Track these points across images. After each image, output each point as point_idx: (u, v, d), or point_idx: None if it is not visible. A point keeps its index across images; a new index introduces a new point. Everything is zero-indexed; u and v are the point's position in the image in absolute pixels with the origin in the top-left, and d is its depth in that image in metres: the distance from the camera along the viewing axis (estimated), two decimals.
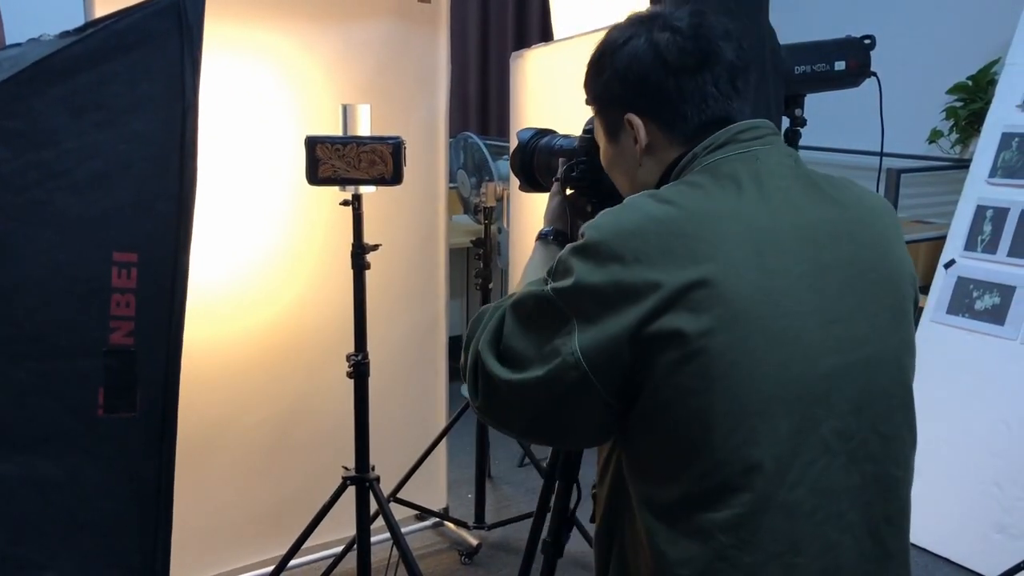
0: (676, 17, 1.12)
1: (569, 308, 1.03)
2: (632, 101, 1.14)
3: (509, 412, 1.10)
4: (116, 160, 1.34)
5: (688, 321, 0.97)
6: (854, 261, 1.07)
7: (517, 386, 1.06)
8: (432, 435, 2.89)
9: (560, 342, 1.03)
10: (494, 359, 1.09)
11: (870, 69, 2.47)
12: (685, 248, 0.99)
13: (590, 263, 1.02)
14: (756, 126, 1.11)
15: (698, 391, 0.98)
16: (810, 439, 1.01)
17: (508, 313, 1.10)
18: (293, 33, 2.40)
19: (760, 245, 1.01)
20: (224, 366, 2.40)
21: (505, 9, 5.00)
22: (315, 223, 2.48)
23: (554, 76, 2.52)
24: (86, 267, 1.35)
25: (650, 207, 1.04)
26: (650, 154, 1.15)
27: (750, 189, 1.05)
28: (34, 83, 1.29)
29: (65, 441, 1.37)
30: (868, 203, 1.14)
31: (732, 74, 1.11)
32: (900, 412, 1.10)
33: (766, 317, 0.99)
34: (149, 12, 1.34)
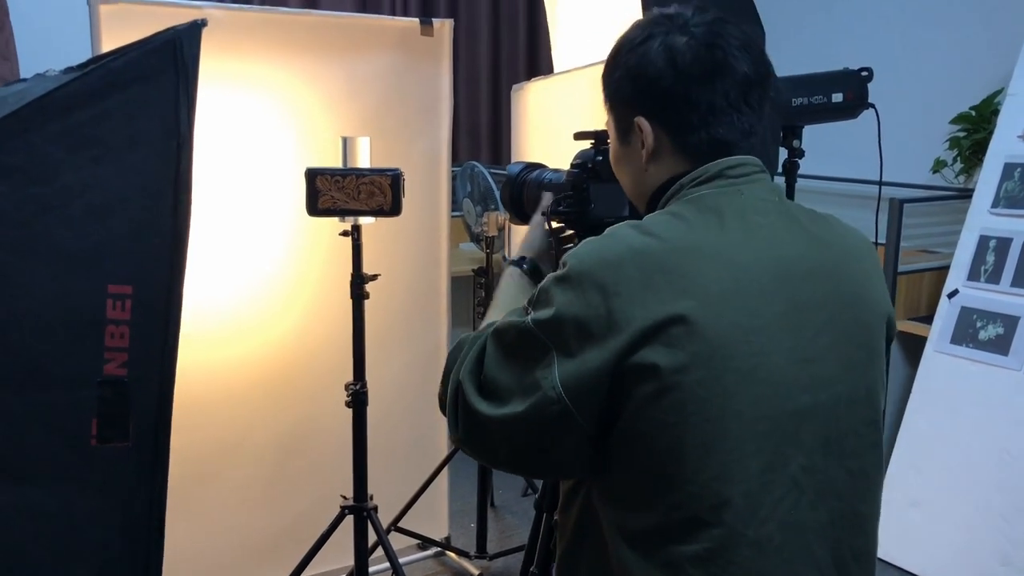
0: (695, 22, 1.10)
1: (549, 339, 1.03)
2: (641, 104, 1.12)
3: (491, 445, 1.09)
4: (112, 194, 1.37)
5: (664, 356, 0.98)
6: (830, 300, 1.07)
7: (498, 421, 1.05)
8: (434, 464, 2.90)
9: (541, 375, 1.03)
10: (475, 391, 1.08)
11: (868, 101, 2.49)
12: (666, 283, 1.00)
13: (570, 293, 1.02)
14: (744, 163, 1.11)
15: (671, 425, 0.99)
16: (780, 476, 1.01)
17: (489, 343, 1.09)
18: (297, 67, 2.45)
19: (739, 283, 1.02)
20: (224, 394, 2.42)
21: (516, 40, 5.06)
22: (315, 253, 2.51)
23: (553, 109, 2.55)
24: (81, 299, 1.37)
25: (633, 239, 1.04)
26: (656, 160, 1.14)
27: (733, 225, 1.06)
28: (33, 119, 1.33)
29: (58, 471, 1.38)
30: (848, 242, 1.15)
31: (745, 87, 1.09)
32: (869, 450, 1.10)
33: (741, 355, 1.00)
34: (146, 50, 1.38)
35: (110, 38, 2.07)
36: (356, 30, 2.58)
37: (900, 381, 3.51)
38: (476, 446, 1.11)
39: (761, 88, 1.11)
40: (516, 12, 5.02)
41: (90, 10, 2.10)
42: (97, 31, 2.10)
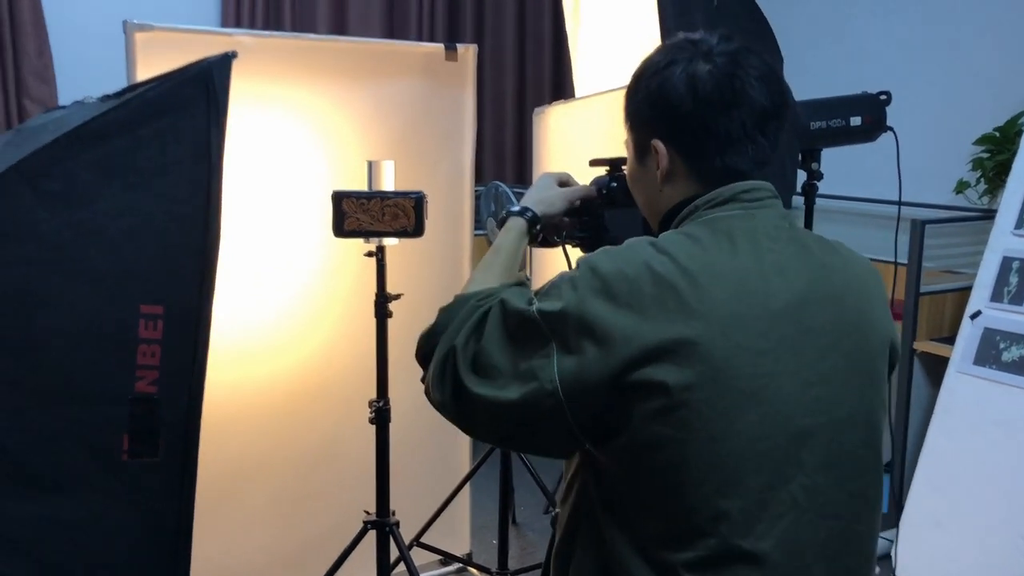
0: (719, 50, 1.13)
1: (551, 331, 1.06)
2: (659, 127, 1.16)
3: (474, 420, 1.13)
4: (145, 218, 1.43)
5: (672, 374, 1.01)
6: (835, 325, 1.11)
7: (489, 402, 1.08)
8: (456, 480, 2.93)
9: (537, 364, 1.06)
10: (468, 364, 1.10)
11: (886, 124, 2.52)
12: (677, 303, 1.03)
13: (581, 294, 1.06)
14: (757, 188, 1.14)
15: (675, 441, 1.03)
16: (779, 494, 1.05)
17: (491, 320, 1.11)
18: (325, 91, 2.51)
19: (749, 306, 1.06)
20: (251, 411, 2.47)
21: (542, 62, 5.11)
22: (341, 273, 2.56)
23: (574, 132, 2.60)
24: (115, 319, 1.43)
25: (649, 255, 1.07)
26: (670, 182, 1.17)
27: (744, 249, 1.09)
28: (72, 147, 1.39)
29: (90, 484, 1.44)
30: (854, 268, 1.18)
31: (762, 119, 1.12)
32: (868, 472, 1.13)
33: (747, 377, 1.03)
34: (179, 81, 1.44)
35: (145, 63, 2.14)
36: (382, 55, 2.64)
37: (922, 402, 3.50)
38: (457, 415, 1.14)
39: (777, 119, 1.15)
40: (542, 35, 5.08)
41: (126, 37, 2.17)
42: (132, 57, 2.18)
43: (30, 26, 3.84)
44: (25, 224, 1.38)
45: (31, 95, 3.87)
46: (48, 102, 3.89)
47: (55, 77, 3.95)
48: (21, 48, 3.84)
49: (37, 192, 1.37)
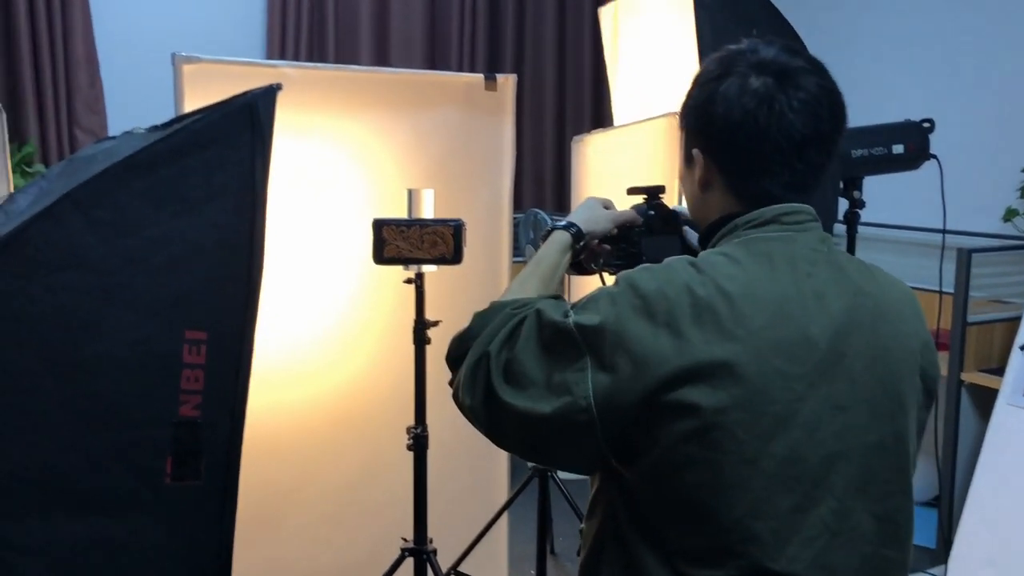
0: (771, 68, 1.11)
1: (587, 345, 1.06)
2: (700, 138, 1.17)
3: (502, 429, 1.13)
4: (191, 246, 1.47)
5: (706, 396, 1.02)
6: (869, 351, 1.11)
7: (520, 413, 1.09)
8: (494, 508, 2.93)
9: (571, 378, 1.06)
10: (500, 371, 1.10)
11: (929, 152, 2.49)
12: (715, 325, 1.04)
13: (620, 310, 1.06)
14: (798, 211, 1.14)
15: (708, 462, 1.03)
16: (810, 517, 1.06)
17: (526, 328, 1.12)
18: (366, 121, 2.55)
19: (785, 330, 1.06)
20: (290, 435, 2.49)
21: (582, 90, 5.15)
22: (380, 299, 2.58)
23: (612, 160, 2.61)
24: (160, 344, 1.46)
25: (689, 276, 1.07)
26: (707, 191, 1.18)
27: (783, 272, 1.10)
28: (122, 177, 1.43)
29: (133, 506, 1.46)
30: (892, 293, 1.18)
31: (800, 144, 1.10)
32: (897, 497, 1.13)
33: (781, 401, 1.04)
34: (225, 112, 1.48)
35: (192, 94, 2.19)
36: (423, 86, 2.68)
37: (971, 435, 3.43)
38: (487, 422, 1.14)
39: (819, 145, 1.12)
40: (582, 64, 5.13)
41: (174, 69, 2.23)
42: (180, 88, 2.23)
43: (83, 59, 3.96)
44: (76, 251, 1.42)
45: (82, 125, 3.98)
46: (98, 131, 4.00)
47: (105, 108, 4.06)
48: (74, 80, 3.96)
49: (88, 220, 1.41)
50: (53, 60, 3.90)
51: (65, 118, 3.97)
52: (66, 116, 3.97)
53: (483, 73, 2.76)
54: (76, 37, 3.93)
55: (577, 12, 5.08)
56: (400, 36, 4.64)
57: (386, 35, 4.63)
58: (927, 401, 1.20)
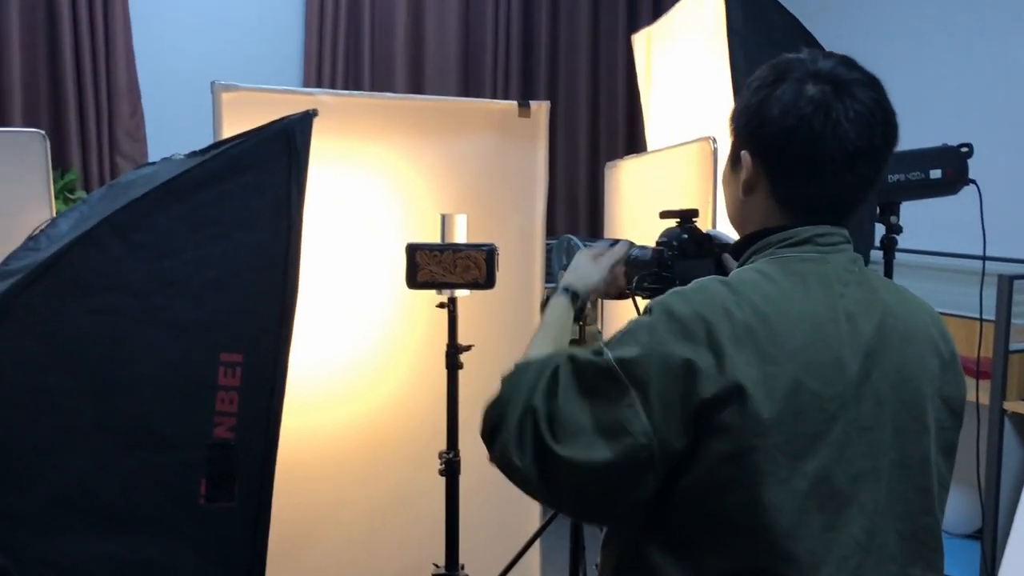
0: (828, 77, 1.11)
1: (629, 379, 1.04)
2: (749, 141, 1.16)
3: (560, 488, 1.08)
4: (227, 269, 1.49)
5: (745, 417, 1.02)
6: (894, 372, 1.12)
7: (577, 465, 1.04)
8: (526, 535, 2.90)
9: (624, 417, 1.03)
10: (548, 426, 1.06)
11: (968, 176, 2.46)
12: (753, 346, 1.04)
13: (658, 338, 1.05)
14: (832, 233, 1.14)
15: (745, 483, 1.03)
16: (842, 535, 1.06)
17: (563, 377, 1.09)
18: (401, 147, 2.57)
19: (819, 352, 1.07)
20: (323, 458, 2.50)
21: (615, 116, 5.16)
22: (413, 324, 2.59)
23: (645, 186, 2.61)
24: (196, 366, 1.48)
25: (724, 297, 1.07)
26: (751, 194, 1.17)
27: (816, 294, 1.10)
28: (161, 201, 1.46)
29: (167, 526, 1.48)
30: (918, 314, 1.19)
31: (852, 155, 1.10)
32: (923, 517, 1.14)
33: (813, 421, 1.05)
34: (262, 138, 1.51)
35: (230, 121, 2.23)
36: (458, 113, 2.70)
37: (1015, 464, 3.35)
38: (539, 483, 1.08)
39: (871, 158, 1.12)
40: (615, 90, 5.14)
41: (213, 97, 2.27)
42: (219, 115, 2.27)
43: (125, 88, 4.05)
44: (115, 274, 1.45)
45: (123, 153, 4.06)
46: (139, 159, 4.07)
47: (146, 136, 4.14)
48: (116, 109, 4.04)
49: (127, 243, 1.44)
50: (96, 89, 3.98)
51: (107, 146, 4.05)
52: (108, 144, 4.05)
53: (517, 100, 2.78)
54: (119, 67, 4.02)
55: (610, 39, 5.10)
56: (435, 65, 4.69)
57: (421, 64, 4.68)
58: (953, 422, 1.20)
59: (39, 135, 2.19)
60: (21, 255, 1.56)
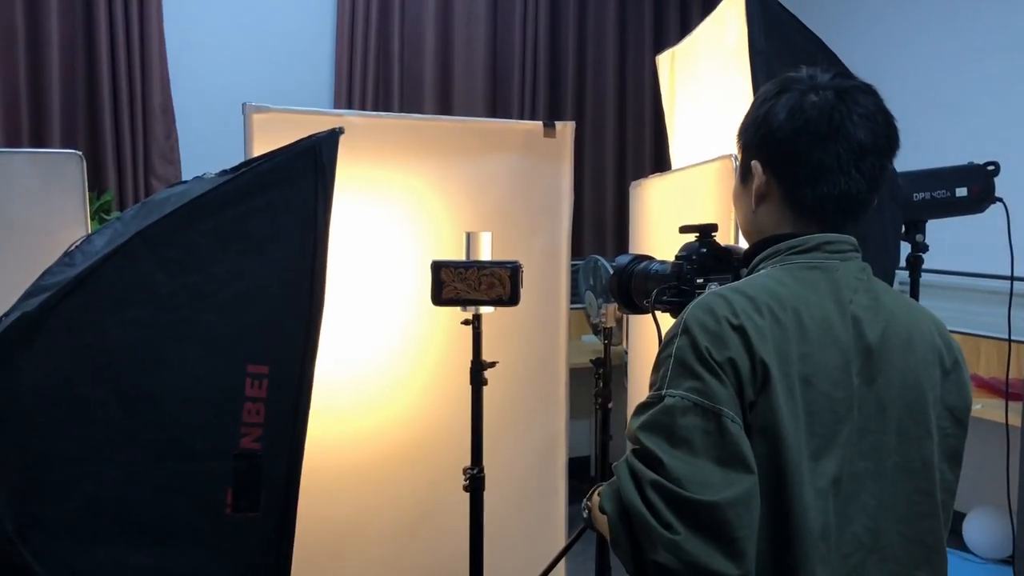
0: (830, 84, 1.16)
1: (712, 401, 1.02)
2: (759, 150, 1.20)
3: (734, 536, 0.99)
4: (255, 283, 1.52)
5: (775, 418, 1.05)
6: (898, 378, 1.15)
7: (739, 498, 0.99)
8: (552, 552, 2.90)
9: (733, 440, 1.01)
10: (680, 502, 0.98)
11: (995, 195, 2.45)
12: (776, 351, 1.06)
13: (699, 351, 1.05)
14: (840, 240, 1.18)
15: (785, 485, 1.05)
16: (845, 534, 1.10)
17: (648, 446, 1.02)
18: (428, 167, 2.60)
19: (831, 356, 1.10)
20: (350, 473, 2.53)
21: (642, 137, 5.18)
22: (439, 340, 2.62)
23: (670, 205, 2.62)
24: (224, 378, 1.52)
25: (745, 303, 1.08)
26: (763, 203, 1.21)
27: (826, 298, 1.13)
28: (191, 216, 1.50)
29: (195, 536, 1.50)
30: (922, 324, 1.21)
31: (859, 154, 1.14)
32: (924, 519, 1.16)
33: (826, 424, 1.09)
34: (289, 155, 1.54)
35: (261, 142, 2.28)
36: (484, 133, 2.74)
37: None
38: (713, 542, 0.98)
39: (876, 157, 1.16)
40: (641, 110, 5.16)
41: (244, 118, 2.32)
42: (250, 136, 2.32)
43: (159, 111, 4.14)
44: (145, 288, 1.49)
45: (158, 174, 4.14)
46: (173, 180, 4.15)
47: (180, 158, 4.22)
48: (151, 131, 4.13)
49: (157, 257, 1.48)
50: (132, 112, 4.08)
51: (142, 168, 4.14)
52: (143, 166, 4.14)
53: (543, 120, 2.81)
54: (154, 91, 4.11)
55: (637, 60, 5.13)
56: (463, 88, 4.75)
57: (449, 87, 4.74)
58: (956, 430, 1.22)
59: (76, 156, 2.25)
60: (56, 271, 1.60)
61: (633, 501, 1.00)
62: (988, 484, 3.91)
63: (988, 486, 3.91)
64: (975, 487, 3.96)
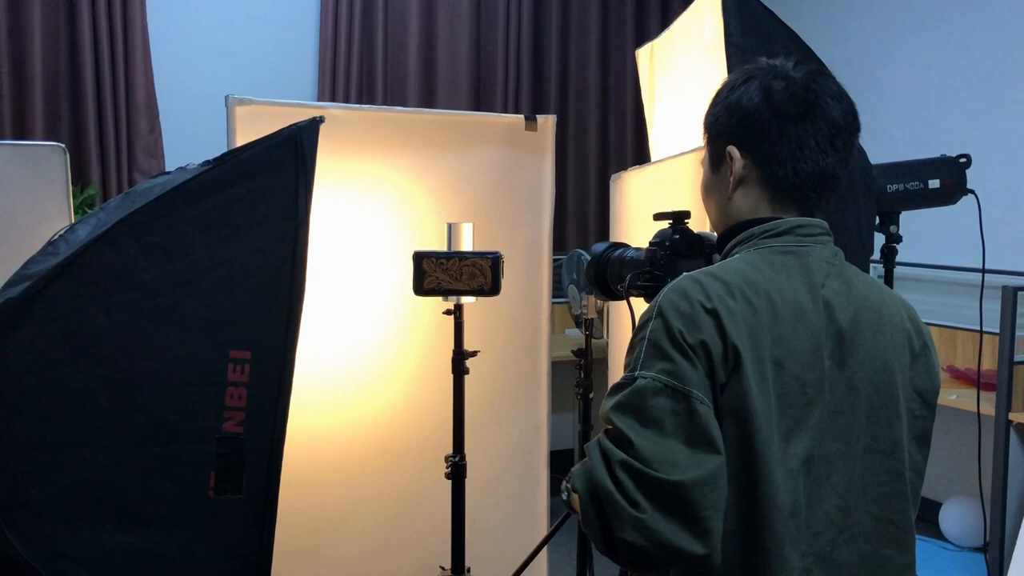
0: (794, 70, 1.21)
1: (684, 383, 1.05)
2: (735, 134, 1.22)
3: (701, 515, 1.01)
4: (237, 270, 1.55)
5: (745, 400, 1.07)
6: (868, 361, 1.17)
7: (705, 478, 1.01)
8: (535, 540, 2.93)
9: (703, 422, 1.04)
10: (647, 482, 1.01)
11: (966, 186, 2.50)
12: (749, 334, 1.09)
13: (671, 333, 1.07)
14: (813, 224, 1.21)
15: (755, 465, 1.08)
16: (816, 513, 1.12)
17: (621, 427, 1.04)
18: (411, 160, 2.62)
19: (802, 339, 1.13)
20: (334, 461, 2.55)
21: (624, 131, 5.22)
22: (421, 330, 2.64)
23: (649, 197, 2.65)
24: (206, 363, 1.54)
25: (719, 286, 1.11)
26: (741, 189, 1.23)
27: (799, 284, 1.16)
28: (173, 204, 1.52)
29: (179, 518, 1.53)
30: (892, 308, 1.23)
31: (833, 131, 1.18)
32: (893, 499, 1.19)
33: (797, 405, 1.11)
34: (271, 144, 1.57)
35: (244, 135, 2.29)
36: (465, 126, 2.76)
37: (1020, 476, 3.36)
38: (685, 530, 1.01)
39: (848, 135, 1.21)
40: (624, 105, 5.20)
41: (227, 110, 2.34)
42: (233, 129, 2.33)
43: (143, 105, 4.14)
44: (130, 274, 1.51)
45: (141, 168, 4.15)
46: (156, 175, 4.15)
47: (164, 152, 4.23)
48: (134, 125, 4.13)
49: (140, 244, 1.50)
50: (115, 107, 4.08)
51: (126, 162, 4.14)
52: (127, 160, 4.15)
53: (523, 113, 2.83)
54: (137, 85, 4.11)
55: (619, 55, 5.17)
56: (447, 82, 4.77)
57: (433, 81, 4.76)
58: (925, 411, 1.24)
59: (59, 148, 2.26)
60: (39, 259, 1.62)
61: (603, 480, 1.03)
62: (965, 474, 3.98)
63: (965, 476, 3.98)
64: (952, 477, 4.02)
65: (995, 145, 3.95)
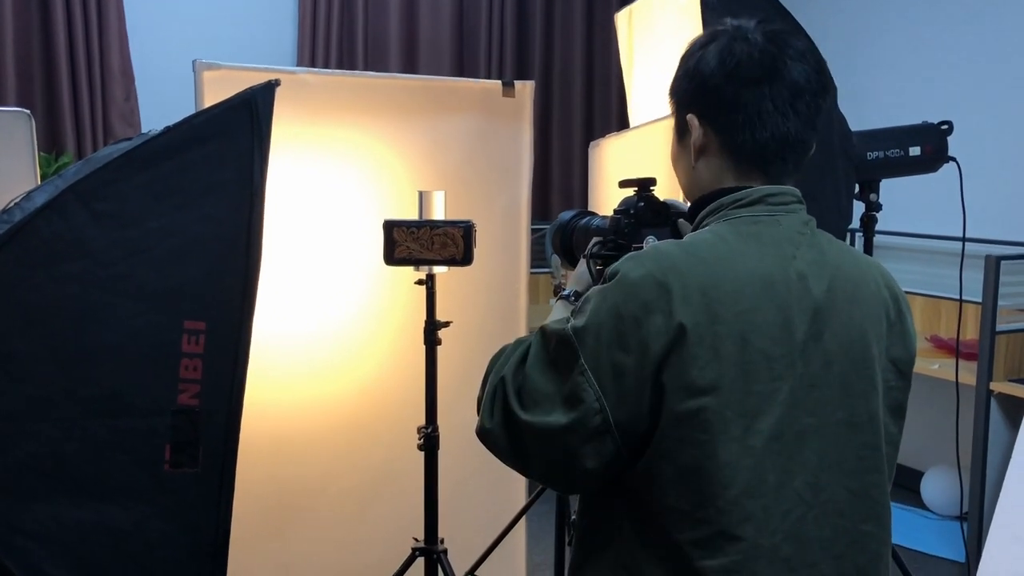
0: (753, 30, 1.16)
1: (581, 346, 1.07)
2: (693, 102, 1.19)
3: (527, 452, 1.11)
4: (191, 238, 1.51)
5: (698, 376, 1.04)
6: (843, 332, 1.13)
7: (539, 430, 1.08)
8: (512, 513, 2.92)
9: (580, 382, 1.06)
10: (515, 394, 1.11)
11: (947, 154, 2.46)
12: (705, 307, 1.06)
13: (612, 302, 1.07)
14: (783, 192, 1.17)
15: (701, 444, 1.05)
16: (785, 490, 1.08)
17: (534, 346, 1.13)
18: (385, 126, 2.57)
19: (771, 312, 1.09)
20: (305, 434, 2.52)
21: (609, 97, 5.16)
22: (394, 301, 2.60)
23: (628, 163, 2.61)
24: (160, 334, 1.50)
25: (678, 258, 1.09)
26: (703, 157, 1.19)
27: (769, 255, 1.12)
28: (123, 170, 1.48)
29: (134, 492, 1.50)
30: (871, 278, 1.19)
31: (793, 93, 1.14)
32: (869, 474, 1.15)
33: (763, 380, 1.07)
34: (225, 108, 1.52)
35: (212, 100, 2.22)
36: (441, 92, 2.70)
37: (1001, 445, 3.35)
38: (508, 448, 1.12)
39: (811, 97, 1.16)
40: (609, 71, 5.13)
41: (195, 75, 2.28)
42: (200, 94, 2.28)
43: (118, 72, 4.07)
44: (80, 242, 1.47)
45: (116, 136, 4.08)
46: None
47: (140, 119, 4.16)
48: (109, 93, 4.07)
49: (90, 212, 1.46)
50: (90, 74, 4.01)
51: (101, 129, 4.08)
52: (102, 127, 4.08)
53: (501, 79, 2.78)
54: (112, 52, 4.04)
55: (605, 20, 5.09)
56: (429, 45, 4.70)
57: (415, 44, 4.69)
58: (900, 382, 1.21)
59: (24, 114, 2.20)
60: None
61: (495, 377, 1.14)
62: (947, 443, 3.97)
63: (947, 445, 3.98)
64: (934, 446, 4.02)
65: (979, 113, 3.90)
